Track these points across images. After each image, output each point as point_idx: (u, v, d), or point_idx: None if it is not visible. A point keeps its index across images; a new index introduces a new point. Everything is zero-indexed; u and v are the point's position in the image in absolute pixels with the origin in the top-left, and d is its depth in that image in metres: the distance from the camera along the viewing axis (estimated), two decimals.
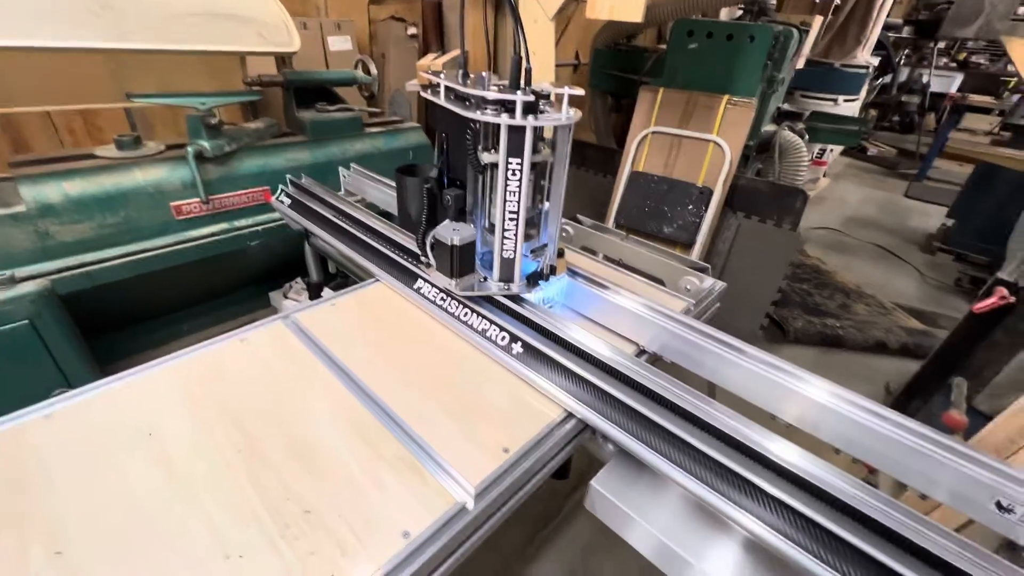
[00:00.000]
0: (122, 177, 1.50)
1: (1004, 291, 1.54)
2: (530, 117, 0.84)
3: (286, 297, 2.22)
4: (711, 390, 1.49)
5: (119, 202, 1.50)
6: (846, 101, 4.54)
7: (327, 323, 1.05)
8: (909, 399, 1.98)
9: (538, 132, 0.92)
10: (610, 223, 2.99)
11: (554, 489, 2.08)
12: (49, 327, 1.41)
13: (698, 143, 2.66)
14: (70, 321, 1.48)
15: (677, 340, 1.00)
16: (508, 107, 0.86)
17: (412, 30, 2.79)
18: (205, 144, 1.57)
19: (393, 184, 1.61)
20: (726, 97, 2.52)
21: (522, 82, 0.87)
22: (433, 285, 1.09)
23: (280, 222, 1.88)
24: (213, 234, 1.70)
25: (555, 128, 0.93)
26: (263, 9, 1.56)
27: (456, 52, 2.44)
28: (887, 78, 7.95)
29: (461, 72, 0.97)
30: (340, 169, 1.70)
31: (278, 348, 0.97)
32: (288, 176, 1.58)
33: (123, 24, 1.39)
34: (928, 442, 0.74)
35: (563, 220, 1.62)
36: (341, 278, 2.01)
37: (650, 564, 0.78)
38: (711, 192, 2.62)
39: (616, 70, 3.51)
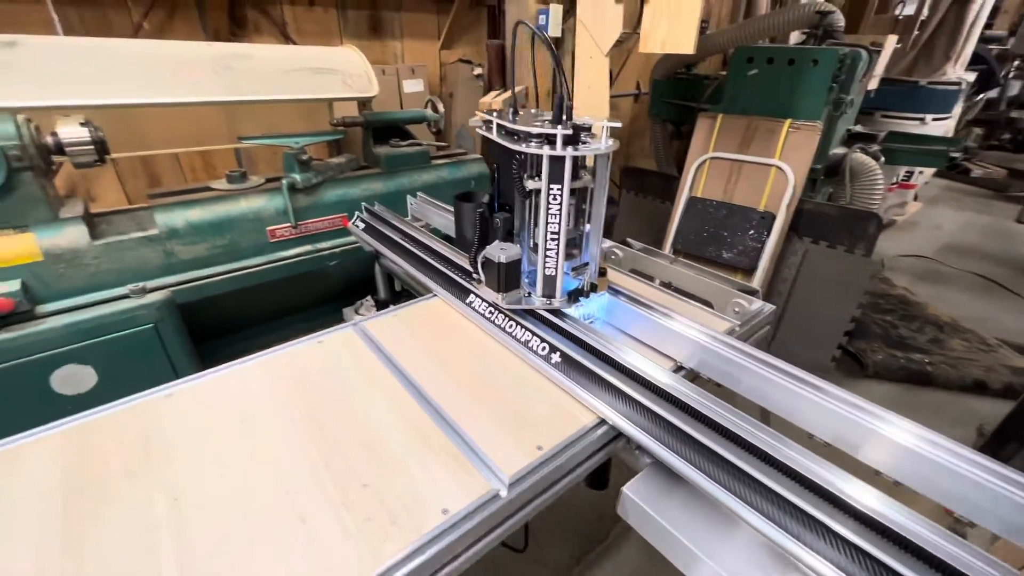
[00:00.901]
0: (231, 206, 1.78)
1: None
2: (569, 148, 0.94)
3: (357, 313, 2.44)
4: (764, 416, 1.47)
5: (227, 227, 1.77)
6: (935, 120, 4.22)
7: (390, 331, 1.18)
8: (1003, 442, 1.77)
9: (580, 160, 1.01)
10: (667, 248, 2.98)
11: (602, 513, 2.07)
12: (168, 331, 1.68)
13: (759, 168, 2.62)
14: (183, 327, 1.75)
15: (715, 358, 1.02)
16: (550, 140, 0.96)
17: (478, 71, 3.03)
18: (297, 177, 1.82)
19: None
20: (788, 121, 2.48)
21: (564, 116, 0.97)
22: (483, 300, 1.19)
23: (355, 245, 2.10)
24: (299, 255, 1.95)
25: (596, 156, 1.02)
26: (348, 61, 1.82)
27: (520, 88, 2.61)
28: (992, 93, 7.26)
29: (511, 110, 1.09)
30: (408, 197, 1.88)
31: (348, 351, 1.11)
32: (363, 204, 1.78)
33: (238, 81, 1.68)
34: (978, 467, 0.71)
35: (613, 243, 1.68)
36: (406, 296, 2.18)
37: None
38: (773, 217, 2.56)
39: (676, 98, 3.55)
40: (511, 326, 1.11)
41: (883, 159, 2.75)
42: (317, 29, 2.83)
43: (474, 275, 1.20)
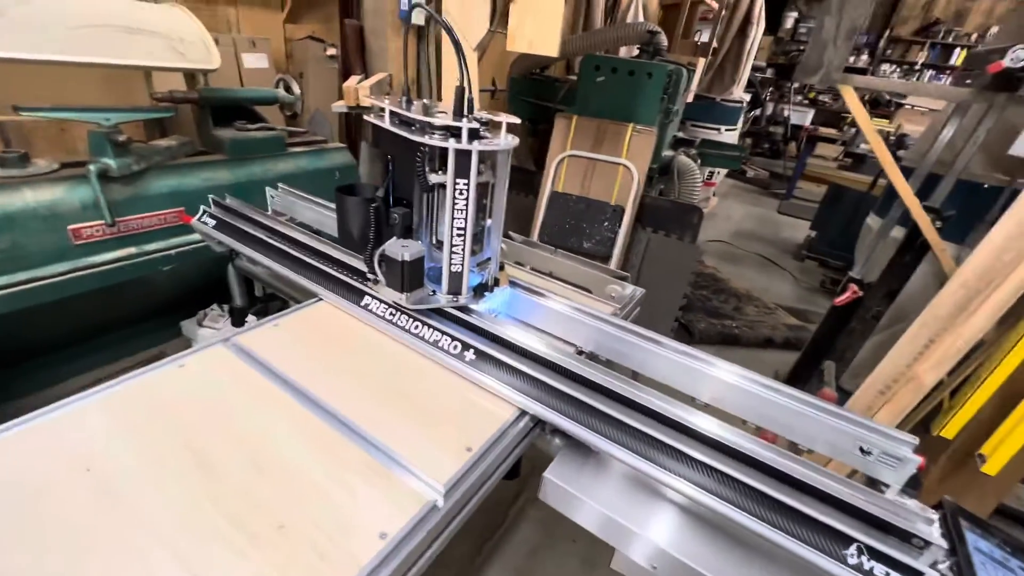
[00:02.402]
0: (8, 198, 1.34)
1: (855, 287, 1.89)
2: (475, 143, 0.93)
3: (201, 325, 2.07)
4: (634, 378, 1.63)
5: (4, 225, 1.33)
6: (727, 130, 5.22)
7: (273, 343, 1.03)
8: (794, 382, 2.32)
9: (482, 155, 1.01)
10: (534, 240, 3.15)
11: (498, 499, 2.12)
12: None
13: (609, 166, 2.92)
14: None
15: (610, 339, 1.11)
16: (454, 133, 0.93)
17: (331, 51, 2.78)
18: (110, 162, 1.46)
19: (325, 203, 1.60)
20: (631, 125, 2.81)
21: (465, 110, 0.96)
22: (382, 301, 1.12)
23: (196, 245, 1.77)
24: (119, 259, 1.57)
25: (496, 152, 1.02)
26: (177, 23, 1.50)
27: (382, 75, 2.48)
28: (757, 112, 9.23)
29: (404, 98, 1.03)
30: (268, 190, 1.65)
31: (222, 371, 0.94)
32: (211, 196, 1.51)
33: (10, 30, 1.26)
34: (811, 407, 0.91)
35: None
36: (264, 302, 1.92)
37: (585, 555, 0.85)
38: (623, 210, 2.89)
39: (532, 98, 3.74)
40: (417, 327, 1.06)
41: (699, 161, 3.30)
42: None
43: (369, 275, 1.12)
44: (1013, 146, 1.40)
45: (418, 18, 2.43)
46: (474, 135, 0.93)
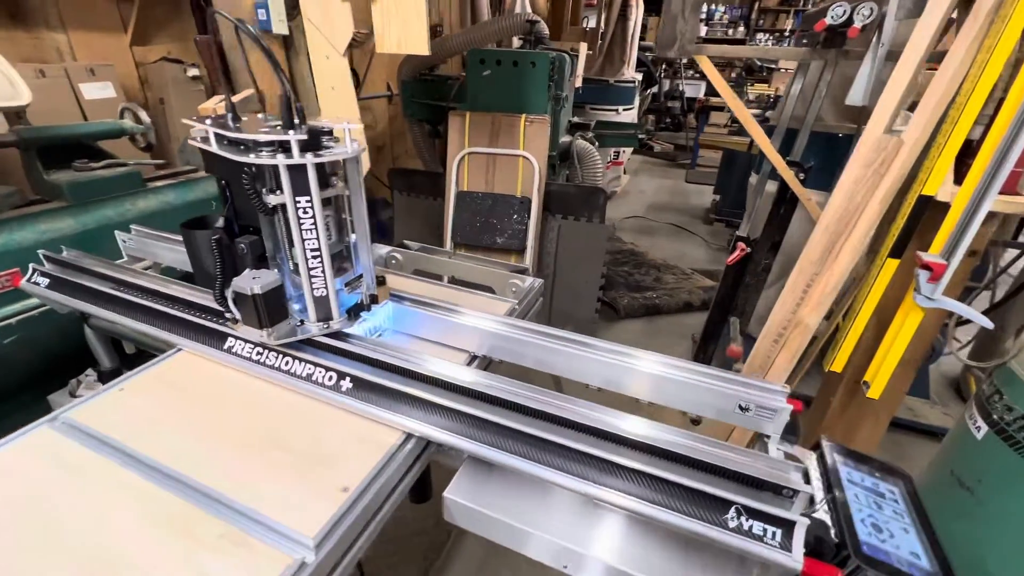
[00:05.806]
0: None
1: (742, 245, 2.01)
2: (309, 155, 0.85)
3: (76, 396, 1.82)
4: (557, 384, 1.61)
5: None
6: (625, 110, 5.41)
7: (116, 413, 0.90)
8: (707, 342, 2.43)
9: (328, 167, 0.93)
10: (447, 243, 3.08)
11: (439, 518, 2.05)
12: None
13: (509, 159, 2.91)
14: None
15: (502, 340, 1.08)
16: (284, 147, 0.85)
17: (193, 71, 2.54)
18: None
19: None
20: (523, 116, 2.81)
21: (295, 119, 0.87)
22: (246, 341, 1.01)
23: (44, 308, 1.55)
24: None
25: (344, 161, 0.95)
26: None
27: (247, 92, 2.29)
28: (654, 89, 9.69)
29: (231, 115, 0.93)
30: (117, 233, 1.47)
31: (46, 461, 0.80)
32: (40, 252, 1.31)
33: None
34: (694, 375, 0.93)
35: (391, 248, 1.64)
36: (134, 358, 1.72)
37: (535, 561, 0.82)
38: (530, 201, 2.89)
39: (426, 98, 3.65)
40: (287, 363, 0.97)
41: (597, 143, 3.38)
42: None
43: (226, 315, 1.01)
44: (848, 96, 1.54)
45: (280, 28, 2.27)
46: (308, 147, 0.85)
